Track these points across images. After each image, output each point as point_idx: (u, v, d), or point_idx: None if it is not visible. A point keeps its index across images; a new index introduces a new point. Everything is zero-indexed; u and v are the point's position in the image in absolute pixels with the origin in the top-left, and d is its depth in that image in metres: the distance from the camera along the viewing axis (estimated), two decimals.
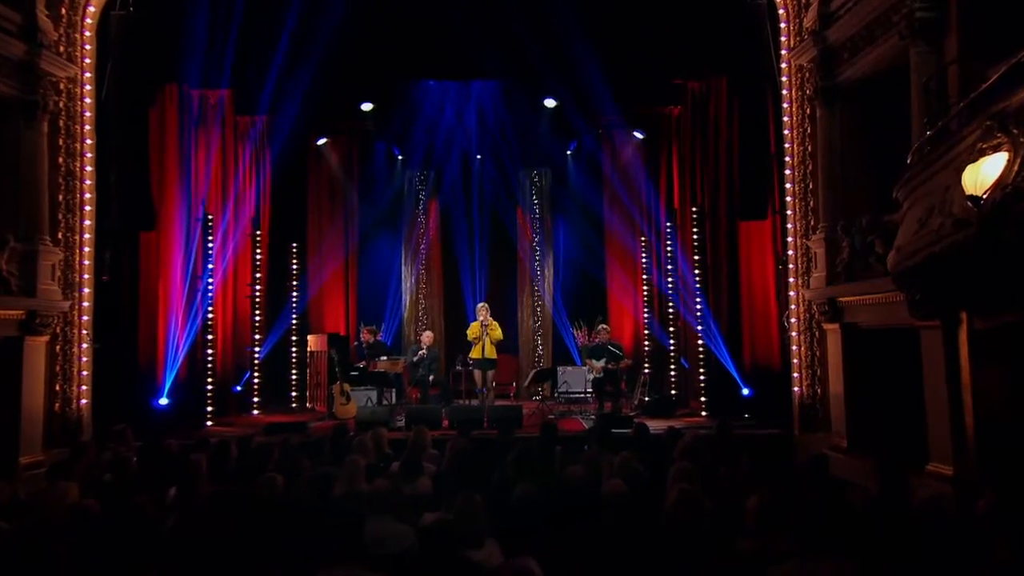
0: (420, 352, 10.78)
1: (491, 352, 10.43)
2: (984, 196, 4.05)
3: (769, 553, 3.82)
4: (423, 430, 7.16)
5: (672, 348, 11.00)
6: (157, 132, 9.81)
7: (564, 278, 13.60)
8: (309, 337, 12.23)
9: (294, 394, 12.13)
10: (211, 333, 10.23)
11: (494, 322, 10.64)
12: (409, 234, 13.63)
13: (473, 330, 10.60)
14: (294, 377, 12.18)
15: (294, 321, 12.31)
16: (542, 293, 13.50)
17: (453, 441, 6.56)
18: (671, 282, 11.01)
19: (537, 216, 13.64)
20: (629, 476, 4.93)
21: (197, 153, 10.71)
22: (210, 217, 10.20)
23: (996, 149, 4.07)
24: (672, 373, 11.08)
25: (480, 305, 10.82)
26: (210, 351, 10.19)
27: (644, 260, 12.11)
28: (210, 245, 10.16)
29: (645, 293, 12.05)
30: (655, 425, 8.20)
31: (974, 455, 5.71)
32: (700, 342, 10.26)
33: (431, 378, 10.82)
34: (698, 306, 10.23)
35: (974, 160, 4.18)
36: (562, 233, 13.71)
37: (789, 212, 8.63)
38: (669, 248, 11.21)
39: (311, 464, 6.21)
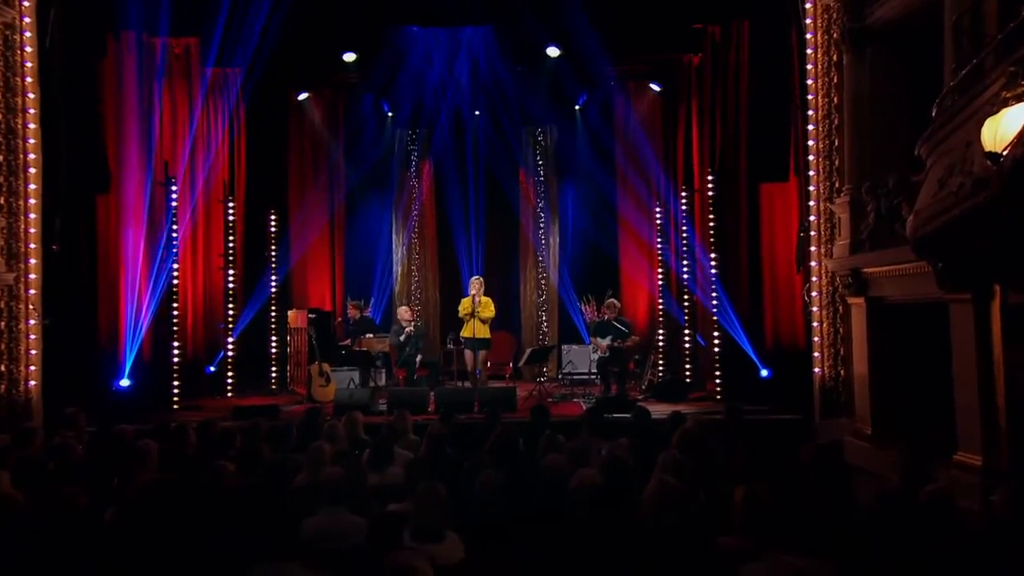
0: (407, 329, 10.81)
1: (482, 331, 10.43)
2: (1004, 153, 3.96)
3: (753, 551, 3.82)
4: (404, 414, 7.22)
5: (686, 325, 10.95)
6: (112, 85, 9.77)
7: (572, 247, 13.53)
8: (289, 313, 12.27)
9: (274, 375, 12.22)
10: (176, 308, 10.28)
11: (486, 299, 10.62)
12: (399, 198, 13.61)
13: (464, 306, 10.60)
14: (274, 357, 12.26)
15: (273, 295, 12.35)
16: (546, 264, 13.45)
17: (431, 426, 6.60)
18: (686, 252, 10.94)
19: (541, 179, 13.55)
20: (612, 466, 4.93)
21: (161, 109, 10.68)
22: (173, 179, 10.21)
23: (1020, 99, 3.96)
24: (687, 352, 11.06)
25: (474, 279, 10.79)
26: (176, 328, 10.26)
27: (659, 228, 12.02)
28: (173, 210, 10.17)
29: (660, 265, 11.97)
30: (664, 409, 8.20)
31: (1006, 443, 5.67)
32: (715, 318, 10.21)
33: (418, 358, 10.85)
34: (713, 279, 10.17)
35: (996, 112, 4.08)
36: (570, 198, 13.62)
37: (812, 172, 8.51)
38: (685, 214, 11.11)
39: (272, 452, 6.32)
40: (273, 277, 12.32)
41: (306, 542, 4.19)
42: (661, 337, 11.75)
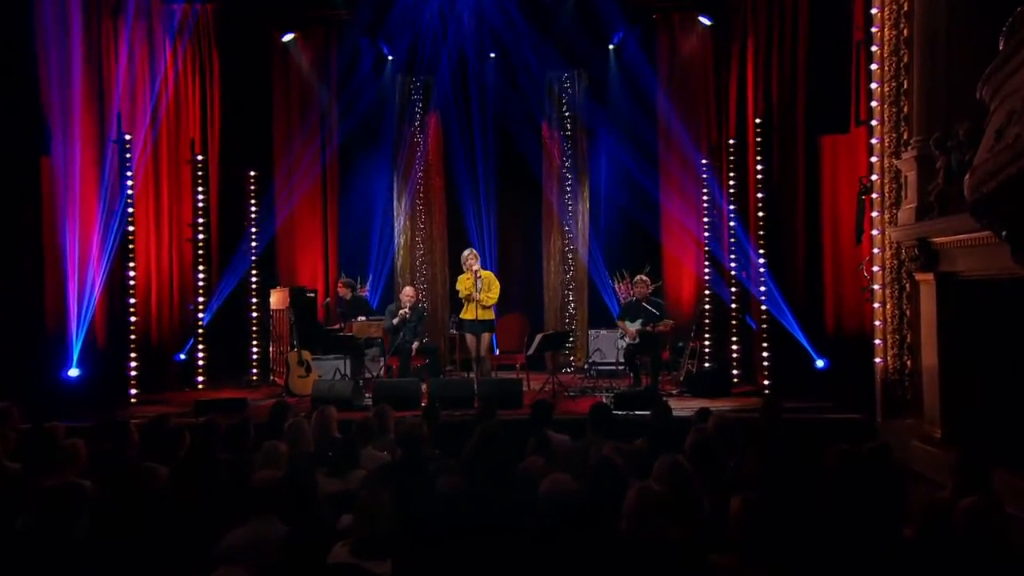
0: (402, 311, 10.84)
1: (486, 311, 10.44)
2: None
3: (749, 571, 3.79)
4: (384, 409, 7.28)
5: (734, 305, 10.86)
6: (54, 24, 9.75)
7: (605, 214, 13.44)
8: (272, 292, 12.36)
9: (255, 364, 12.36)
10: (133, 287, 10.42)
11: (488, 274, 10.59)
12: (400, 157, 13.57)
13: (463, 283, 10.60)
14: (255, 343, 12.41)
15: (253, 271, 12.49)
16: (574, 235, 13.37)
17: (404, 424, 6.62)
18: (732, 220, 10.82)
19: (567, 134, 13.43)
20: (601, 472, 4.91)
21: (117, 53, 10.75)
22: (127, 137, 10.32)
23: None
24: (734, 339, 10.96)
25: (467, 252, 10.77)
26: (133, 309, 10.41)
27: (706, 193, 11.87)
28: (128, 174, 10.30)
29: (707, 236, 11.84)
30: (707, 406, 8.14)
31: None
32: (764, 296, 10.14)
33: (415, 345, 10.89)
34: (761, 250, 10.05)
35: None
36: (602, 156, 13.47)
37: (875, 122, 8.31)
38: (732, 175, 10.97)
39: (221, 452, 6.43)
40: (253, 246, 12.45)
41: (226, 555, 4.26)
42: (707, 320, 11.65)
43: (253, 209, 12.52)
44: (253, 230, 12.47)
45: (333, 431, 7.01)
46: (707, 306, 11.72)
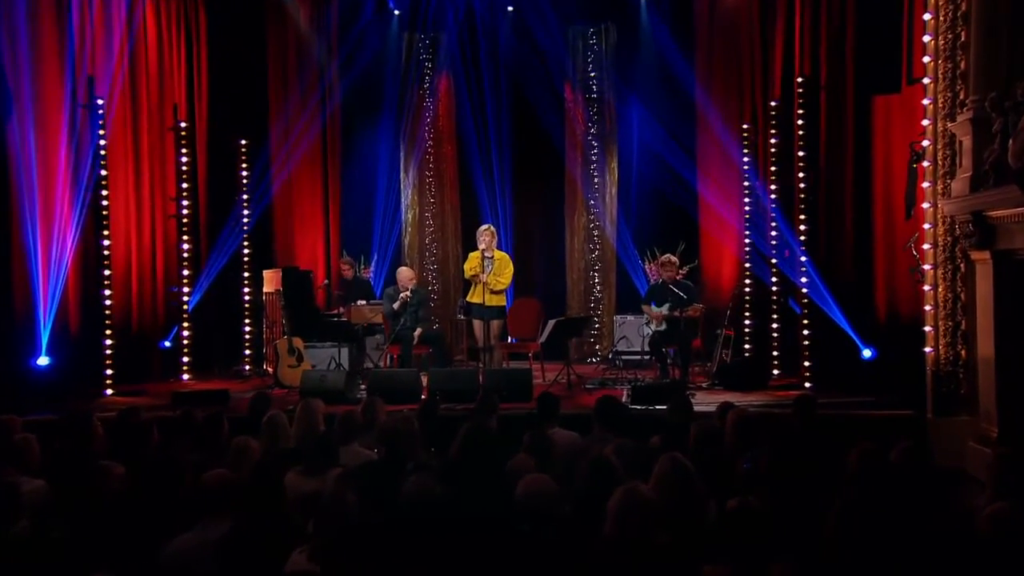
0: (403, 295, 10.87)
1: (495, 297, 10.46)
2: None
3: None
4: (375, 403, 7.33)
5: (775, 289, 10.78)
6: None
7: (636, 188, 13.32)
8: (265, 273, 12.42)
9: (248, 352, 12.47)
10: (108, 267, 10.54)
11: (502, 256, 10.60)
12: (402, 121, 13.51)
13: (472, 263, 10.59)
14: (247, 329, 12.52)
15: (245, 250, 12.56)
16: (600, 211, 13.27)
17: (387, 418, 6.66)
18: (774, 193, 10.72)
19: (593, 97, 13.32)
20: (596, 472, 4.90)
21: (91, 10, 10.81)
22: (100, 102, 10.39)
23: None
24: (775, 326, 10.91)
25: (482, 228, 10.74)
26: (108, 292, 10.52)
27: (746, 163, 11.73)
28: (102, 143, 10.38)
29: (747, 212, 11.72)
30: (738, 400, 8.11)
31: None
32: (804, 280, 10.09)
33: (417, 332, 10.91)
34: (803, 227, 9.94)
35: None
36: (633, 122, 13.32)
37: (928, 80, 8.16)
38: (774, 141, 10.84)
39: (191, 448, 6.50)
40: (245, 221, 12.51)
41: (171, 561, 4.31)
42: (747, 304, 11.55)
43: (244, 179, 12.56)
44: (244, 201, 12.51)
45: (318, 426, 7.05)
46: (747, 289, 11.59)
